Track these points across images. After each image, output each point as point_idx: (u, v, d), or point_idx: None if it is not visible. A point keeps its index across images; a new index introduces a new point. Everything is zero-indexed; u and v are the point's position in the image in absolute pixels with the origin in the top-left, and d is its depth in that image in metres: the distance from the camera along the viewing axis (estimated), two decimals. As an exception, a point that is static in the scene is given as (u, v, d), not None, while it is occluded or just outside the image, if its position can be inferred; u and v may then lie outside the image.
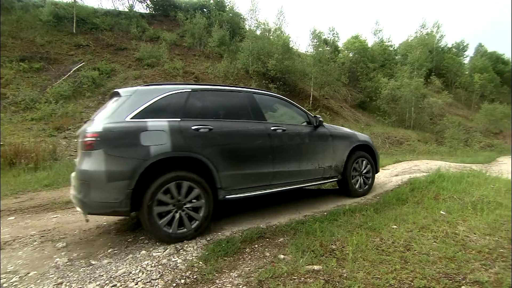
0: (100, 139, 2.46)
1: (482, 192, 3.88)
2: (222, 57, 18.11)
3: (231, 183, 2.97)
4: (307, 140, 3.71)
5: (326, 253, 2.31)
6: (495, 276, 1.84)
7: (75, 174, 2.70)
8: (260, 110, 3.41)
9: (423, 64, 24.70)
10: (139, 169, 2.48)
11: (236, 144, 3.08)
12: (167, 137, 2.64)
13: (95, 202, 2.46)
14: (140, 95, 2.81)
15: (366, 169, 4.34)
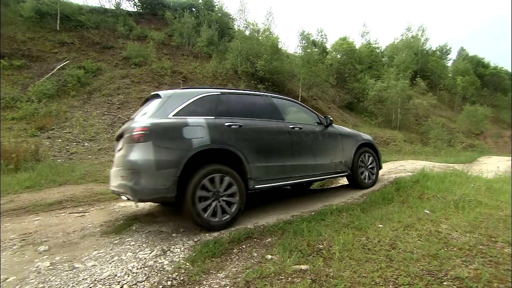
0: (149, 133, 2.78)
1: (464, 191, 3.99)
2: (210, 57, 18.03)
3: (259, 174, 3.30)
4: (320, 138, 4.15)
5: (313, 252, 2.33)
6: (475, 272, 1.89)
7: (123, 165, 2.89)
8: (279, 111, 3.85)
9: (409, 66, 25.32)
10: (183, 158, 2.80)
11: (262, 140, 3.46)
12: (205, 131, 3.01)
13: (145, 189, 2.70)
14: (178, 97, 3.20)
15: (371, 164, 4.81)
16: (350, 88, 24.09)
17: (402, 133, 20.58)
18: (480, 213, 3.12)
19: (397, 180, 4.63)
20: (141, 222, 3.44)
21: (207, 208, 2.90)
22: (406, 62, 25.12)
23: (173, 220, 3.46)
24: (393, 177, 4.89)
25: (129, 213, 3.89)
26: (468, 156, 14.71)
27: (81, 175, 6.62)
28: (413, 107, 22.51)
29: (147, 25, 19.91)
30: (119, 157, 3.16)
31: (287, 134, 3.71)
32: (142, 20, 20.32)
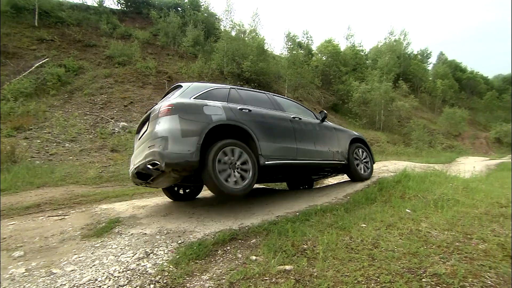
0: (175, 108, 3.24)
1: (443, 190, 4.13)
2: (196, 57, 17.89)
3: (268, 152, 3.70)
4: (317, 128, 4.67)
5: (297, 253, 2.34)
6: (451, 268, 1.96)
7: (151, 137, 3.21)
8: (280, 105, 4.44)
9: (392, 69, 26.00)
10: (205, 129, 3.21)
11: (269, 124, 3.91)
12: (222, 111, 3.48)
13: (172, 153, 3.00)
14: (196, 87, 3.78)
15: (365, 158, 5.28)
16: (335, 89, 24.49)
17: (385, 134, 21.09)
18: (458, 212, 3.24)
19: (380, 181, 4.73)
20: (124, 225, 3.36)
21: (227, 176, 3.23)
22: (389, 65, 25.80)
23: (157, 222, 3.40)
24: (376, 178, 5.00)
25: (112, 215, 3.79)
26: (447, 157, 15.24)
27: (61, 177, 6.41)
28: (396, 109, 23.14)
29: (131, 23, 19.55)
30: (142, 139, 3.56)
31: (289, 122, 4.23)
32: (126, 18, 19.94)
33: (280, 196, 4.68)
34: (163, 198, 4.97)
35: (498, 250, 2.21)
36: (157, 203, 4.50)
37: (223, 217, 3.42)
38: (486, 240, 2.40)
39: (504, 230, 2.61)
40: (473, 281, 1.82)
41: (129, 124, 11.57)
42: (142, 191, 6.02)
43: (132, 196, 5.52)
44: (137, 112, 12.57)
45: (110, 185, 7.12)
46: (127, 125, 11.38)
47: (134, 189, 6.27)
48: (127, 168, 8.84)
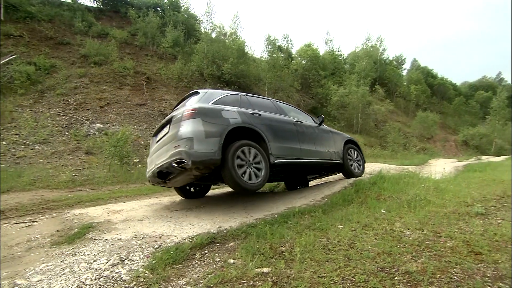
0: (198, 112, 3.59)
1: (416, 191, 4.29)
2: (176, 59, 17.62)
3: (276, 151, 4.10)
4: (316, 131, 5.14)
5: (275, 255, 2.35)
6: (422, 266, 2.04)
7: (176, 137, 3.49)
8: (283, 110, 4.90)
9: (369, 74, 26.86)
10: (225, 131, 3.58)
11: (276, 127, 4.33)
12: (237, 115, 3.89)
13: (197, 152, 3.33)
14: (212, 93, 4.16)
15: (357, 157, 5.83)
16: (314, 93, 24.94)
17: (363, 137, 21.72)
18: (429, 211, 3.38)
19: (357, 182, 4.85)
20: (98, 230, 3.24)
21: (243, 173, 3.58)
22: (366, 70, 26.64)
23: (133, 227, 3.30)
24: (353, 180, 5.13)
25: (85, 220, 3.64)
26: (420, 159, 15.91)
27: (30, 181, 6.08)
28: (373, 113, 23.92)
29: (108, 22, 18.97)
30: (163, 140, 3.85)
31: (293, 125, 4.69)
32: (102, 16, 19.32)
33: (259, 198, 4.69)
34: (140, 202, 4.84)
35: (463, 247, 2.32)
36: (133, 207, 4.38)
37: (202, 221, 3.38)
38: (453, 238, 2.52)
39: (469, 228, 2.75)
40: (441, 277, 1.90)
41: (106, 125, 11.19)
42: (118, 195, 5.83)
43: (107, 200, 5.34)
44: (114, 113, 12.19)
45: (84, 189, 6.84)
46: (103, 127, 11.00)
47: (110, 193, 6.06)
48: (103, 171, 8.55)
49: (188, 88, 16.34)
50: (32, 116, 9.88)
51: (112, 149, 8.73)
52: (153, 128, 12.41)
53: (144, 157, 10.31)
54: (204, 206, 4.29)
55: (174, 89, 15.51)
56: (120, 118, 12.15)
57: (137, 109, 13.23)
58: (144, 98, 14.04)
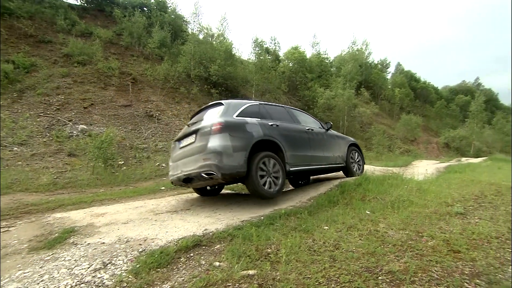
0: (225, 127, 3.82)
1: (399, 192, 4.39)
2: (162, 59, 17.40)
3: (291, 160, 4.45)
4: (325, 137, 5.51)
5: (261, 257, 2.35)
6: (404, 265, 2.09)
7: (205, 150, 3.76)
8: (296, 116, 5.25)
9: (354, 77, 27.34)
10: (249, 145, 3.88)
11: (291, 136, 4.68)
12: (259, 128, 4.17)
13: (226, 165, 3.65)
14: (235, 105, 4.37)
15: (358, 159, 6.27)
16: (301, 95, 25.17)
17: (349, 139, 22.00)
18: (411, 212, 3.46)
19: (342, 184, 4.92)
20: (80, 234, 3.15)
21: (264, 183, 3.94)
22: (352, 73, 27.11)
23: (116, 230, 3.23)
24: (338, 181, 5.19)
25: (66, 224, 3.53)
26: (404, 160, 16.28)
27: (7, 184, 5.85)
28: (358, 115, 24.35)
29: (92, 21, 18.54)
30: (190, 149, 4.09)
31: (305, 133, 5.04)
32: (86, 15, 18.87)
33: (245, 201, 4.68)
34: (125, 205, 4.74)
35: (443, 245, 2.40)
36: (118, 210, 4.28)
37: (187, 223, 3.34)
38: (434, 237, 2.59)
39: (449, 227, 2.84)
40: (422, 275, 1.95)
41: (90, 127, 10.92)
42: (102, 198, 5.69)
43: (90, 203, 5.20)
44: (99, 114, 11.91)
45: (66, 192, 6.64)
46: (87, 128, 10.72)
47: (93, 196, 5.91)
48: (86, 173, 8.33)
49: (174, 90, 16.17)
50: (10, 116, 9.52)
51: (96, 151, 8.52)
52: (138, 130, 12.20)
53: (130, 159, 10.11)
54: (189, 208, 4.25)
55: (161, 90, 15.31)
56: (105, 119, 11.88)
57: (122, 110, 12.97)
58: (129, 99, 13.79)
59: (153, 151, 11.20)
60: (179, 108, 15.08)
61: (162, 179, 8.90)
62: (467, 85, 56.69)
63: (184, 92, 16.31)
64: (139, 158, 10.38)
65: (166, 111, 14.32)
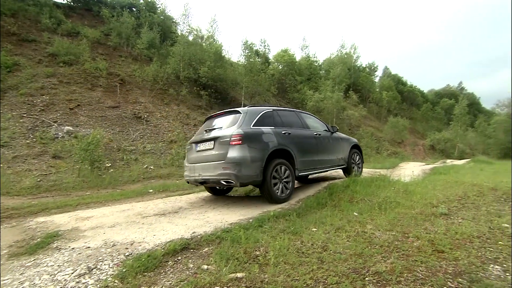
0: (244, 137, 4.08)
1: (386, 193, 4.46)
2: (151, 60, 17.19)
3: (301, 165, 4.79)
4: (330, 141, 5.78)
5: (250, 259, 2.34)
6: (391, 266, 2.12)
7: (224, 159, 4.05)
8: (305, 122, 5.50)
9: (343, 80, 27.69)
10: (265, 155, 4.17)
11: (301, 142, 4.97)
12: (274, 137, 4.44)
13: (244, 175, 3.97)
14: (252, 113, 4.56)
15: (358, 161, 6.66)
16: (291, 98, 25.32)
17: (337, 141, 22.21)
18: (398, 213, 3.53)
19: (330, 186, 4.97)
20: (64, 238, 3.07)
21: (277, 188, 4.30)
22: (341, 76, 27.44)
23: (102, 234, 3.16)
24: (327, 183, 5.24)
25: (50, 229, 3.44)
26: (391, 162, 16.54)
27: (-12, 187, 5.64)
28: (347, 118, 24.66)
29: (79, 20, 18.18)
30: (209, 155, 4.35)
31: (313, 138, 5.34)
32: (73, 14, 18.49)
33: (234, 203, 4.67)
34: (112, 208, 4.65)
35: (428, 246, 2.45)
36: (104, 213, 4.20)
37: (175, 226, 3.31)
38: (420, 238, 2.64)
39: (434, 228, 2.90)
40: (408, 275, 1.99)
41: (76, 128, 10.68)
42: (88, 201, 5.57)
43: (76, 206, 5.08)
44: (85, 115, 11.67)
45: (50, 195, 6.47)
46: (73, 130, 10.49)
47: (79, 199, 5.78)
48: (72, 176, 8.13)
49: (163, 91, 16.01)
50: (-8, 117, 9.21)
51: (82, 153, 8.34)
52: (126, 131, 12.01)
53: (117, 161, 9.93)
54: (178, 211, 4.21)
55: (149, 92, 15.13)
56: (92, 120, 11.64)
57: (110, 111, 12.74)
58: (117, 101, 13.56)
59: (141, 153, 11.04)
60: (168, 110, 14.93)
61: (150, 181, 8.78)
62: (451, 89, 58.33)
63: (173, 94, 16.16)
64: (126, 160, 10.21)
65: (155, 113, 14.16)
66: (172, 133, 13.05)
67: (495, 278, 1.93)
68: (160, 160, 10.92)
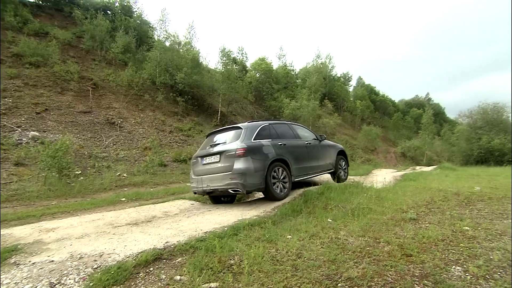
0: (247, 150, 4.64)
1: (359, 200, 4.59)
2: (126, 65, 16.77)
3: (295, 172, 5.35)
4: (319, 148, 6.36)
5: (224, 269, 2.31)
6: (362, 271, 2.17)
7: (231, 170, 4.61)
8: (297, 132, 6.06)
9: (318, 89, 28.47)
10: (266, 165, 4.75)
11: (295, 152, 5.54)
12: (272, 149, 5.02)
13: (249, 184, 4.54)
14: (251, 128, 5.14)
15: (344, 166, 7.30)
16: (268, 105, 25.62)
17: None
18: (370, 219, 3.63)
19: (305, 193, 5.04)
20: (24, 253, 2.86)
21: (276, 187, 4.90)
22: (316, 85, 28.20)
23: (69, 246, 2.98)
24: (302, 190, 5.31)
25: (8, 243, 3.19)
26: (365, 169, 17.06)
27: None
28: (322, 126, 25.27)
29: (48, 20, 17.41)
30: (215, 168, 4.89)
31: (305, 147, 5.91)
32: (41, 13, 17.67)
33: (209, 211, 4.61)
34: (80, 218, 4.42)
35: (398, 250, 2.54)
36: (72, 224, 3.98)
37: (148, 236, 3.19)
38: (390, 243, 2.73)
39: (403, 232, 3.02)
40: (378, 280, 2.05)
41: (43, 133, 10.12)
42: (54, 211, 5.26)
43: (40, 217, 4.78)
44: (54, 120, 11.10)
45: (10, 206, 6.05)
46: (39, 135, 9.92)
47: (44, 209, 5.45)
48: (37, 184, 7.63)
49: (138, 97, 15.62)
50: None
51: (49, 160, 7.89)
52: (98, 138, 11.54)
53: (88, 169, 9.49)
54: (151, 220, 4.08)
55: (124, 97, 14.70)
56: (61, 126, 11.09)
57: (81, 116, 12.22)
58: (89, 105, 13.05)
59: (114, 160, 10.64)
60: (143, 116, 14.56)
61: (123, 189, 8.46)
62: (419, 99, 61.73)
63: (148, 100, 15.81)
64: (98, 167, 9.79)
65: (129, 119, 13.75)
66: (147, 139, 12.72)
67: (456, 279, 2.03)
68: (134, 167, 10.58)
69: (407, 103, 58.67)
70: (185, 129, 15.29)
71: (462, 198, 4.63)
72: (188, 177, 11.28)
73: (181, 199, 5.93)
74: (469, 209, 3.94)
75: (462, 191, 5.14)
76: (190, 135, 15.11)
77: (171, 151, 12.84)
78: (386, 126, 42.42)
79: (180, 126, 15.42)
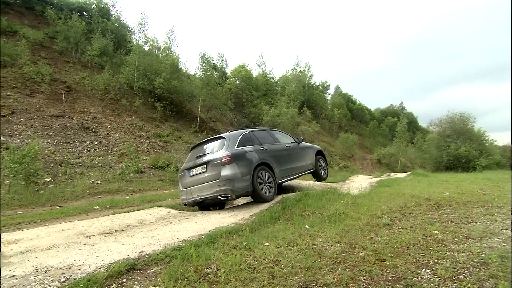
0: (232, 158, 4.89)
1: (336, 206, 4.66)
2: (103, 69, 16.29)
3: (279, 174, 5.70)
4: (298, 150, 6.78)
5: (200, 278, 2.26)
6: (338, 277, 2.21)
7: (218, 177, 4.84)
8: (276, 137, 6.43)
9: (297, 96, 29.00)
10: (252, 169, 5.02)
11: (276, 155, 5.86)
12: (255, 154, 5.31)
13: (238, 188, 4.81)
14: (233, 137, 5.41)
15: (323, 165, 7.85)
16: (247, 112, 25.75)
17: (293, 155, 22.94)
18: (347, 225, 3.70)
19: (283, 200, 5.06)
20: (-17, 267, 2.65)
21: (262, 189, 5.19)
22: (295, 93, 28.74)
23: (34, 259, 2.80)
24: (280, 197, 5.34)
25: (-35, 256, 2.95)
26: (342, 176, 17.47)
27: None
28: (301, 133, 25.70)
29: (18, 19, 16.61)
30: (203, 177, 5.09)
31: (285, 150, 6.28)
32: (10, 11, 16.82)
33: (186, 219, 4.53)
34: (49, 228, 4.19)
35: (372, 255, 2.60)
36: (38, 235, 3.75)
37: (121, 245, 3.07)
38: (365, 248, 2.80)
39: (378, 238, 3.10)
40: (353, 285, 2.08)
41: (8, 138, 9.54)
42: (19, 221, 4.95)
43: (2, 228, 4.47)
44: (21, 124, 10.52)
45: (-30, 216, 5.60)
46: (4, 140, 9.35)
47: (7, 220, 5.12)
48: (-1, 193, 7.14)
49: (115, 101, 15.17)
50: None
51: (15, 166, 7.44)
52: (71, 143, 11.05)
53: (59, 175, 9.03)
54: (125, 229, 3.94)
55: (100, 101, 14.22)
56: (30, 130, 10.52)
57: (52, 121, 11.67)
58: (62, 109, 12.49)
59: (87, 166, 10.21)
60: (119, 121, 14.14)
61: (97, 197, 8.12)
62: (394, 108, 64.33)
63: (125, 104, 15.39)
64: (70, 174, 9.35)
65: (105, 124, 13.30)
66: (123, 145, 12.33)
67: (425, 281, 2.11)
68: (109, 174, 10.20)
69: (382, 112, 60.97)
70: (163, 135, 14.99)
71: (433, 203, 4.84)
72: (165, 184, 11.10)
73: (158, 207, 5.78)
74: (438, 214, 4.12)
75: (433, 196, 5.37)
76: (168, 141, 14.82)
77: (148, 157, 12.52)
78: (363, 134, 43.80)
79: (158, 132, 15.11)
